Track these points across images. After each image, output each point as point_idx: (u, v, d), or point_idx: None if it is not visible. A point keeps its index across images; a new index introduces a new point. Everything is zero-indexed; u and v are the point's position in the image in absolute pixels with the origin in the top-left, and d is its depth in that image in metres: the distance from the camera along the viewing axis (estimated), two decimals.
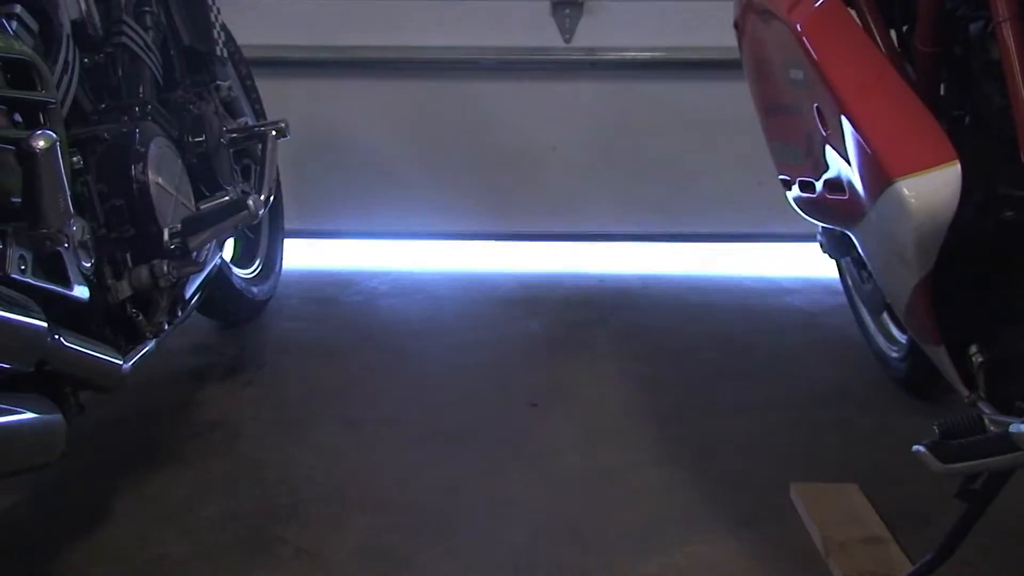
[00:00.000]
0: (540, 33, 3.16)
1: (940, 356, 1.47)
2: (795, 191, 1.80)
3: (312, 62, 3.20)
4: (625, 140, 3.26)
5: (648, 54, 3.16)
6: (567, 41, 3.17)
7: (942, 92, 1.58)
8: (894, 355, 2.21)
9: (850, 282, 2.36)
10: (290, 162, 2.95)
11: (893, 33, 1.66)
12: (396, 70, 3.25)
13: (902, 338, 2.17)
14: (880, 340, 2.28)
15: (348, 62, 3.21)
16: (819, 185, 1.64)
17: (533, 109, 3.26)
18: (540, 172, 3.32)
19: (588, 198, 3.32)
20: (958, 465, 1.31)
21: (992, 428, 1.28)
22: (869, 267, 1.67)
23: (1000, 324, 1.40)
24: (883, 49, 1.56)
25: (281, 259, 2.90)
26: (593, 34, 3.16)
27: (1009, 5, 1.26)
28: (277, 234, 2.88)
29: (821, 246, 2.17)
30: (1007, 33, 1.27)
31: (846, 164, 1.45)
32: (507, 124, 3.28)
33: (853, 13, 1.61)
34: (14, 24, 1.57)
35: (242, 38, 2.67)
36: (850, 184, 1.48)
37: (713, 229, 3.30)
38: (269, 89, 2.83)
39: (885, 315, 2.24)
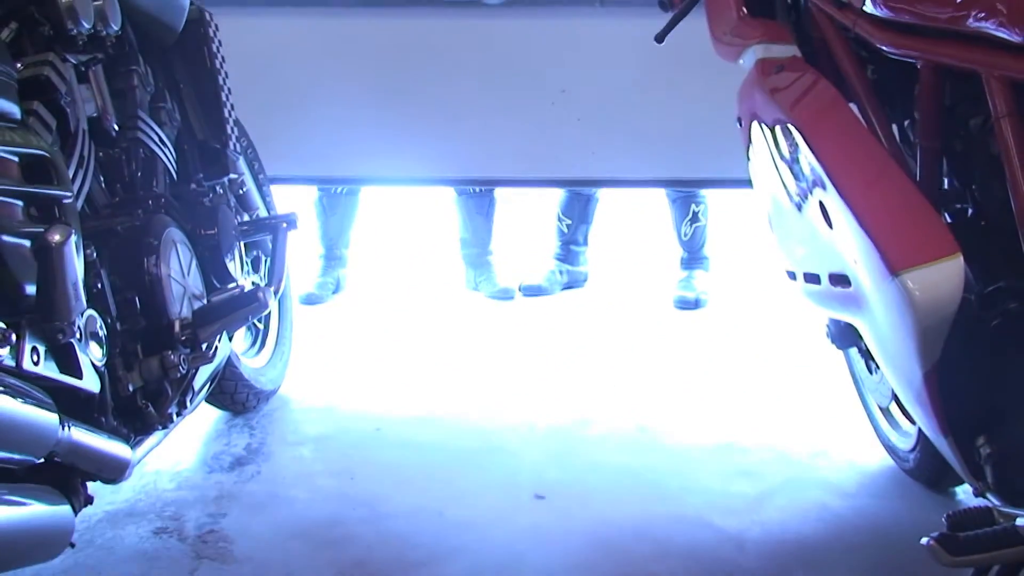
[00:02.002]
0: None
1: (948, 448, 1.47)
2: (801, 283, 1.82)
3: None
4: (639, 82, 3.19)
5: None
6: None
7: (944, 186, 1.60)
8: (903, 446, 2.21)
9: (858, 373, 2.37)
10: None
11: (895, 128, 1.69)
12: (397, 6, 3.19)
13: (911, 429, 2.17)
14: (889, 431, 2.28)
15: None
16: (824, 277, 1.65)
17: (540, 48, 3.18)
18: (547, 115, 3.24)
19: (597, 143, 3.26)
20: (968, 558, 1.30)
21: (1001, 520, 1.28)
22: (876, 358, 1.68)
23: (1007, 416, 1.41)
24: (885, 144, 1.59)
25: (290, 348, 2.92)
26: None
27: (1006, 101, 1.29)
28: (286, 323, 2.90)
29: (829, 337, 2.18)
30: (1006, 129, 1.29)
31: (850, 257, 1.47)
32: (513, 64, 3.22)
33: (855, 108, 1.64)
34: (32, 120, 1.61)
35: None
36: (855, 277, 1.50)
37: (731, 175, 3.07)
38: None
39: (893, 406, 2.24)
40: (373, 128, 3.33)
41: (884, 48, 1.47)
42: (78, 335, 1.50)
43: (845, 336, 2.11)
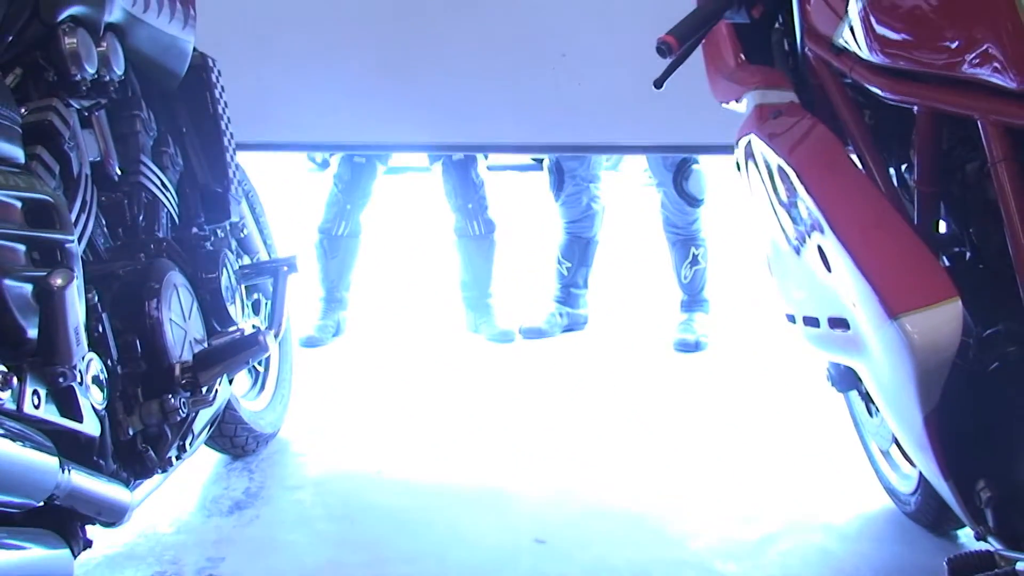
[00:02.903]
0: None
1: (948, 491, 1.47)
2: (800, 326, 1.82)
3: None
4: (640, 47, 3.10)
5: None
6: None
7: (942, 230, 1.61)
8: (904, 489, 2.20)
9: (858, 416, 2.36)
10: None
11: (892, 172, 1.70)
12: None
13: (912, 472, 2.16)
14: (890, 474, 2.27)
15: None
16: (823, 321, 1.65)
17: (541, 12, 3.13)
18: (547, 80, 3.20)
19: (597, 108, 3.21)
20: None
21: (1002, 564, 1.27)
22: (876, 401, 1.68)
23: (1007, 460, 1.41)
24: (882, 188, 1.60)
25: (290, 391, 2.92)
26: None
27: (1002, 146, 1.30)
28: (286, 366, 2.90)
29: (829, 380, 2.18)
30: (1002, 173, 1.30)
31: (849, 301, 1.48)
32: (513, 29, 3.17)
33: (852, 153, 1.65)
34: (36, 164, 1.62)
35: None
36: (854, 320, 1.50)
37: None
38: None
39: (894, 449, 2.24)
40: (371, 93, 3.29)
41: (881, 94, 1.49)
42: (79, 379, 1.51)
43: (845, 379, 2.11)
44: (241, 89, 2.55)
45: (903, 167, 1.69)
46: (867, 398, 2.22)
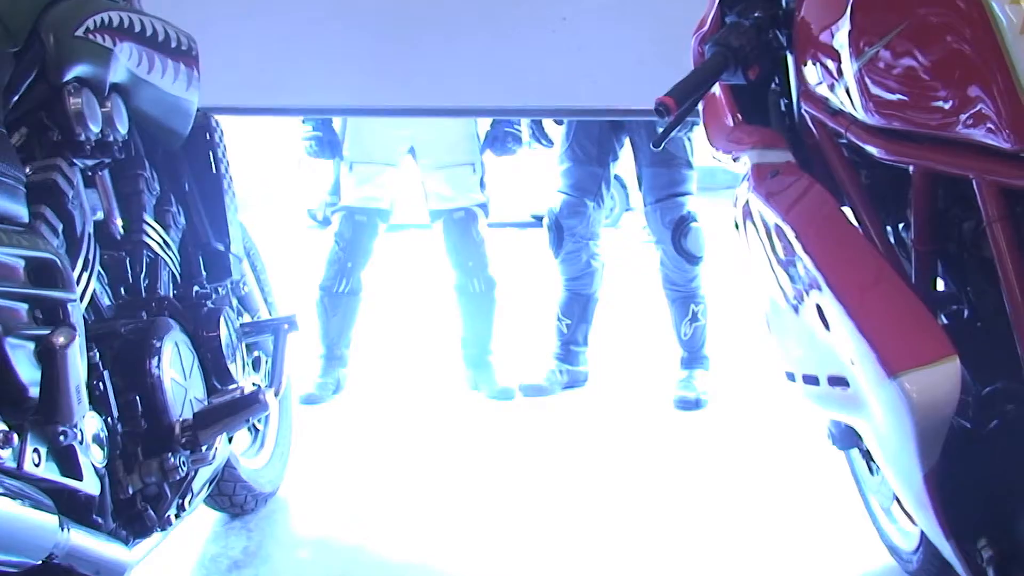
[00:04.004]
0: None
1: (949, 549, 1.46)
2: (800, 384, 1.82)
3: None
4: (641, 10, 3.11)
5: None
6: None
7: (939, 288, 1.62)
8: (906, 547, 2.19)
9: (859, 474, 2.36)
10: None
11: (889, 231, 1.71)
12: None
13: (913, 530, 2.15)
14: (891, 532, 2.26)
15: None
16: (823, 379, 1.66)
17: None
18: (547, 43, 3.17)
19: (598, 72, 3.17)
20: None
21: None
22: (876, 459, 1.68)
23: (1008, 517, 1.40)
24: (879, 247, 1.61)
25: (289, 449, 2.91)
26: None
27: (998, 206, 1.31)
28: (285, 424, 2.90)
29: (830, 438, 2.17)
30: (998, 233, 1.31)
31: (848, 360, 1.48)
32: None
33: (849, 212, 1.66)
34: (40, 223, 1.64)
35: None
36: (853, 378, 1.50)
37: None
38: None
39: (895, 506, 2.23)
40: (369, 56, 3.25)
41: (877, 154, 1.50)
42: (79, 437, 1.51)
43: (846, 437, 2.11)
44: (233, 51, 2.52)
45: (900, 226, 1.70)
46: (868, 456, 2.22)
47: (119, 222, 2.04)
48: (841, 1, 1.49)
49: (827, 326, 1.53)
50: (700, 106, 2.01)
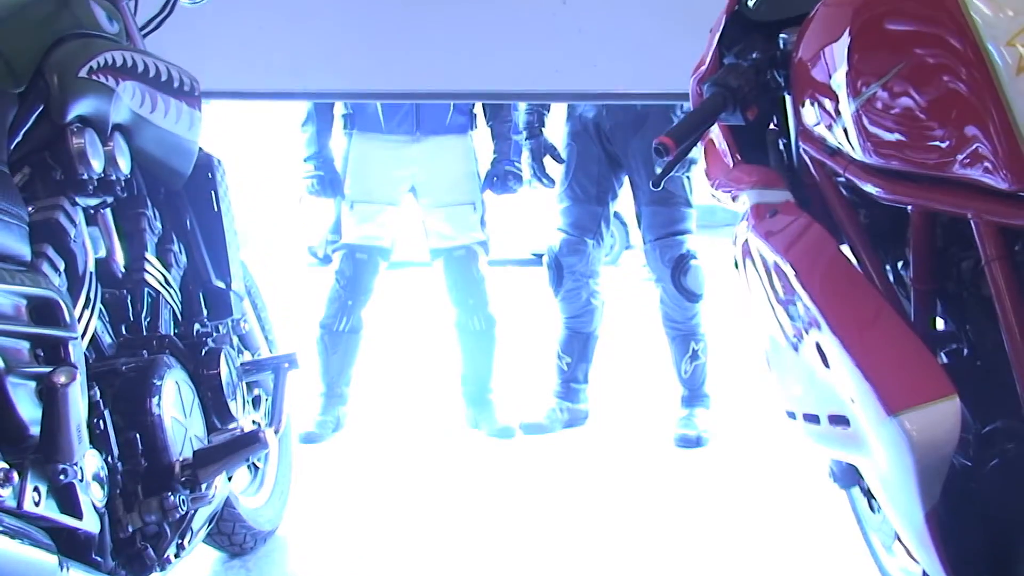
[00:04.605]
0: None
1: None
2: (800, 423, 1.82)
3: None
4: None
5: None
6: None
7: (939, 326, 1.62)
8: None
9: (861, 512, 2.35)
10: None
11: (888, 269, 1.71)
12: None
13: (915, 569, 2.14)
14: (893, 570, 2.25)
15: None
16: (824, 418, 1.66)
17: None
18: (547, 27, 3.15)
19: (598, 55, 3.16)
20: None
21: None
22: (877, 498, 1.67)
23: (1009, 556, 1.40)
24: (879, 285, 1.61)
25: (289, 487, 2.90)
26: None
27: (996, 245, 1.31)
28: (285, 462, 2.89)
29: (831, 476, 2.17)
30: (996, 272, 1.32)
31: (848, 398, 1.48)
32: None
33: (848, 251, 1.67)
34: (42, 262, 1.65)
35: None
36: (853, 417, 1.50)
37: None
38: None
39: (897, 545, 2.22)
40: (368, 39, 3.24)
41: (875, 194, 1.51)
42: (79, 476, 1.51)
43: (847, 476, 2.10)
44: (231, 35, 2.50)
45: (899, 265, 1.71)
46: (869, 495, 2.21)
47: (121, 261, 2.04)
48: (838, 43, 1.50)
49: (827, 364, 1.53)
50: (699, 145, 2.02)
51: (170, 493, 1.78)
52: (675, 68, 3.02)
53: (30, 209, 1.66)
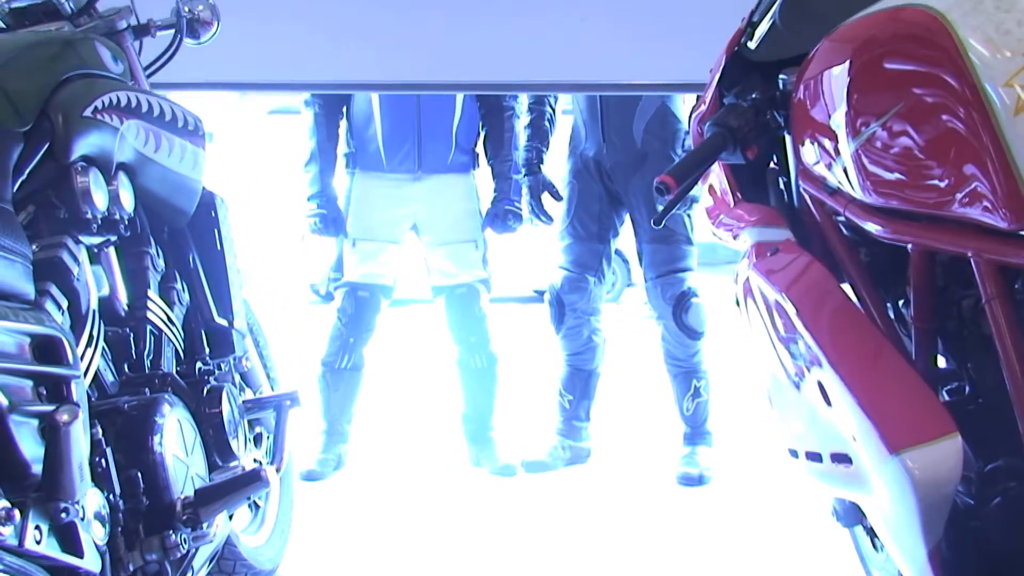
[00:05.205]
0: None
1: None
2: (803, 461, 1.82)
3: None
4: None
5: None
6: None
7: (939, 365, 1.63)
8: None
9: (864, 551, 2.34)
10: None
11: (889, 308, 1.72)
12: None
13: None
14: None
15: None
16: (826, 456, 1.66)
17: None
18: (549, 16, 3.14)
19: (601, 45, 3.14)
20: None
21: None
22: (880, 537, 1.67)
23: None
24: (880, 324, 1.61)
25: (289, 526, 2.89)
26: None
27: (995, 284, 1.32)
28: (286, 501, 2.88)
29: (834, 515, 2.16)
30: (996, 310, 1.32)
31: (850, 436, 1.48)
32: None
33: (848, 289, 1.67)
34: (45, 300, 1.65)
35: None
36: (855, 455, 1.50)
37: None
38: None
39: None
40: (368, 29, 3.23)
41: (875, 232, 1.51)
42: (81, 514, 1.51)
43: (850, 514, 2.09)
44: (236, 27, 2.50)
45: (900, 303, 1.71)
46: (872, 533, 2.20)
47: (124, 299, 2.05)
48: (838, 83, 1.52)
49: (829, 403, 1.53)
50: (700, 184, 2.03)
51: (171, 532, 1.78)
52: (676, 59, 3.06)
53: (34, 247, 1.67)
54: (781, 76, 1.78)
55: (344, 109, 3.87)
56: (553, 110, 3.96)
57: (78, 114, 1.81)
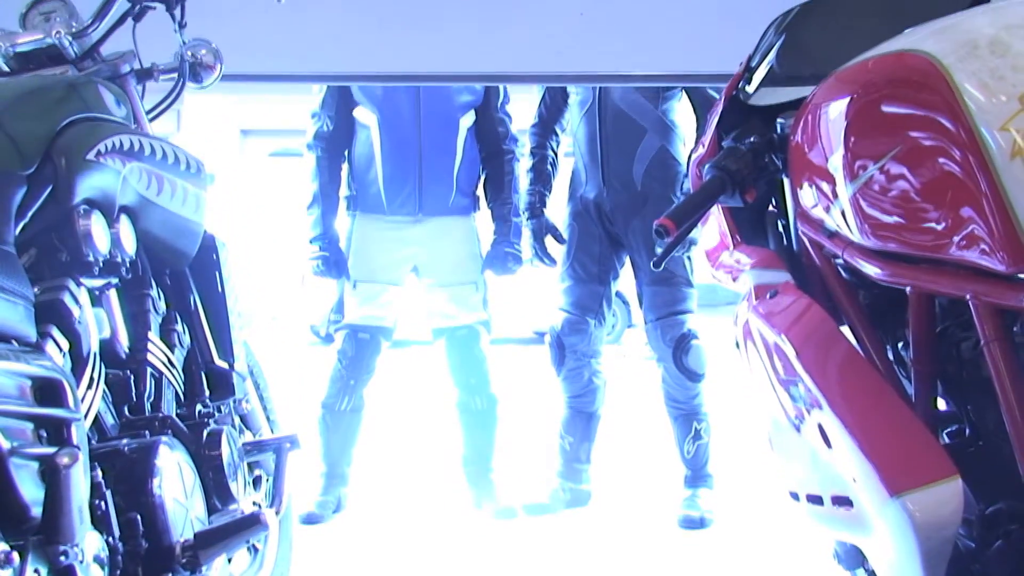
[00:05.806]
0: None
1: None
2: (804, 504, 1.81)
3: None
4: None
5: None
6: None
7: (940, 407, 1.63)
8: None
9: None
10: None
11: (888, 350, 1.72)
12: None
13: None
14: None
15: None
16: (827, 499, 1.65)
17: None
18: (548, 8, 3.13)
19: (600, 37, 3.15)
20: None
21: None
22: None
23: None
24: (879, 366, 1.62)
25: (288, 569, 2.87)
26: None
27: (994, 326, 1.32)
28: (285, 543, 2.87)
29: (836, 558, 2.15)
30: (995, 353, 1.33)
31: (851, 479, 1.48)
32: None
33: (847, 332, 1.67)
34: (47, 343, 1.66)
35: None
36: (856, 498, 1.50)
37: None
38: None
39: None
40: (367, 20, 3.23)
41: (873, 275, 1.52)
42: (80, 557, 1.50)
43: (851, 557, 2.08)
44: (235, 18, 2.49)
45: (899, 345, 1.72)
46: None
47: (124, 341, 2.05)
48: (835, 127, 1.53)
49: (829, 445, 1.53)
50: (699, 227, 2.04)
51: (170, 575, 1.77)
52: (676, 50, 3.07)
53: (36, 289, 1.67)
54: (779, 120, 1.79)
55: (346, 152, 3.90)
56: (555, 153, 3.99)
57: (81, 157, 1.83)
